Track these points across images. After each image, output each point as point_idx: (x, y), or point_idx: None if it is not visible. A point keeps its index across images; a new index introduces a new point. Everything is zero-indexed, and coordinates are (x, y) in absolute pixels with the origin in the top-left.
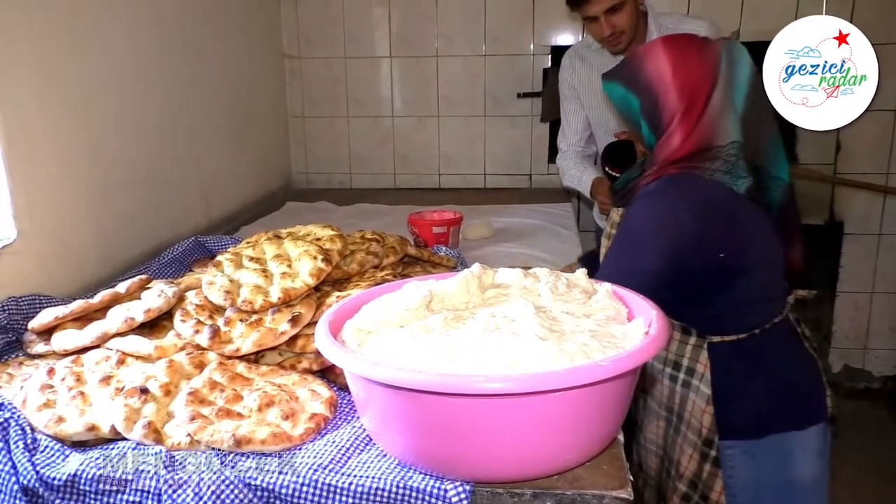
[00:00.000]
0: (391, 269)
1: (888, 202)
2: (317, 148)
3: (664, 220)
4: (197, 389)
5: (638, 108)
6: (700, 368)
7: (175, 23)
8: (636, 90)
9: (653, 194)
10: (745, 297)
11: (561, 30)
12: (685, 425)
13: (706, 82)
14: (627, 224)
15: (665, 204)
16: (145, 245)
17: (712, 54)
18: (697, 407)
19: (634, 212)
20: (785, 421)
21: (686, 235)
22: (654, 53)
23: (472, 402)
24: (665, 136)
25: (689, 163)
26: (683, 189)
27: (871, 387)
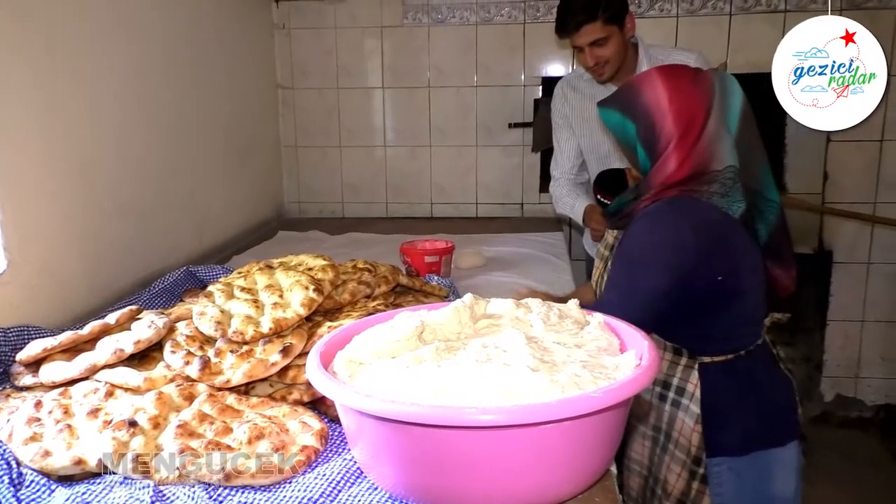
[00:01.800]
0: (383, 298)
1: (876, 231)
2: (309, 177)
3: (666, 240)
4: (186, 422)
5: (634, 134)
6: (690, 388)
7: (169, 54)
8: (633, 116)
9: (652, 215)
10: (737, 320)
11: (551, 61)
12: (673, 444)
13: (701, 109)
14: (628, 245)
15: (665, 224)
16: (136, 275)
17: (706, 83)
18: (687, 426)
19: (635, 233)
20: (768, 438)
21: (687, 254)
22: (650, 82)
23: (464, 433)
24: (661, 160)
25: (687, 186)
26: (682, 210)
27: (863, 416)
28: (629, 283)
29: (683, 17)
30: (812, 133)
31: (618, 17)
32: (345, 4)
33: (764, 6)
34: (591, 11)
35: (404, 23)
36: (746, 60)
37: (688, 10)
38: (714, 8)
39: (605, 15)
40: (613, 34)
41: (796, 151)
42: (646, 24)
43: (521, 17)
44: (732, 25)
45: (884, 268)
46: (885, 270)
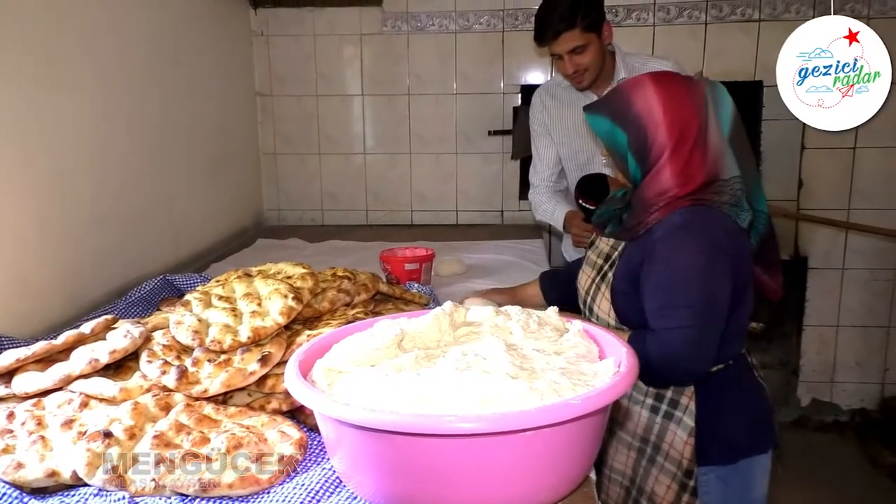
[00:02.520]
0: (363, 306)
1: (850, 237)
2: (288, 185)
3: (709, 247)
4: (162, 432)
5: (626, 143)
6: (685, 401)
7: (146, 61)
8: (624, 125)
9: (683, 228)
10: (734, 330)
11: (530, 69)
12: (663, 456)
13: (695, 120)
14: (671, 265)
15: (701, 232)
16: (112, 284)
17: (700, 93)
18: (679, 438)
19: (673, 251)
20: (753, 445)
21: (728, 256)
22: (643, 90)
23: (443, 442)
24: (653, 171)
25: (699, 196)
26: (709, 217)
27: (839, 420)
28: (704, 301)
29: (660, 26)
30: (787, 141)
31: (596, 25)
32: (323, 12)
33: (738, 16)
34: (569, 19)
35: (383, 30)
36: (722, 69)
37: (664, 19)
38: (690, 17)
39: (584, 23)
40: (592, 42)
41: (772, 159)
42: (623, 32)
43: (499, 26)
44: (708, 34)
45: (857, 273)
46: (859, 276)
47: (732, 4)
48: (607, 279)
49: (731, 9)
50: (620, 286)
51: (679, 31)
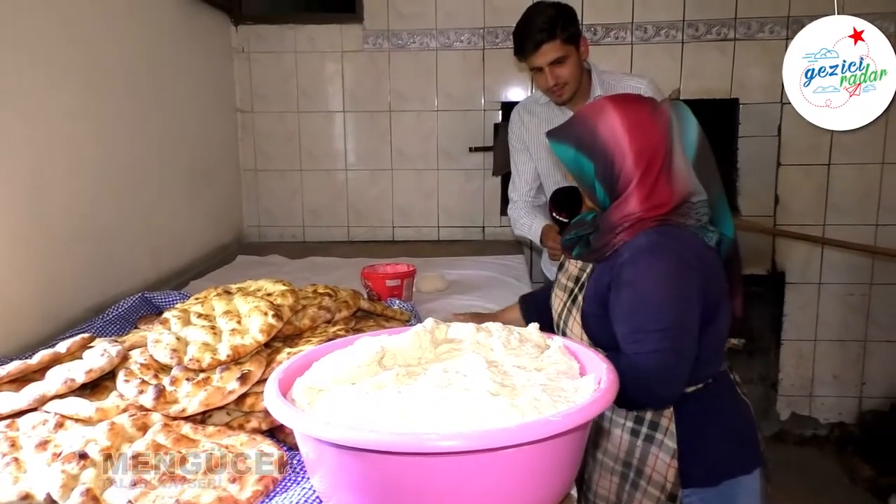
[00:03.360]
0: (344, 323)
1: (826, 252)
2: (269, 201)
3: (678, 268)
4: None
5: (592, 172)
6: (665, 422)
7: (125, 76)
8: (590, 154)
9: (649, 250)
10: (710, 347)
11: (510, 86)
12: (646, 481)
13: (662, 145)
14: (644, 287)
15: (670, 253)
16: (89, 301)
17: (664, 117)
18: (661, 461)
19: (644, 271)
20: (737, 466)
21: (697, 276)
22: (606, 116)
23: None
24: (622, 198)
25: (665, 217)
26: (675, 237)
27: (818, 434)
28: (675, 325)
29: (638, 45)
30: (763, 157)
31: (574, 39)
32: (304, 29)
33: (714, 35)
34: (549, 31)
35: (364, 48)
36: (699, 87)
37: (642, 38)
38: (667, 36)
39: (563, 35)
40: (571, 54)
41: (748, 175)
42: (602, 50)
43: (480, 44)
44: (685, 53)
45: (834, 288)
46: (835, 291)
47: (708, 24)
48: (577, 302)
49: (707, 28)
50: (590, 309)
51: (656, 50)
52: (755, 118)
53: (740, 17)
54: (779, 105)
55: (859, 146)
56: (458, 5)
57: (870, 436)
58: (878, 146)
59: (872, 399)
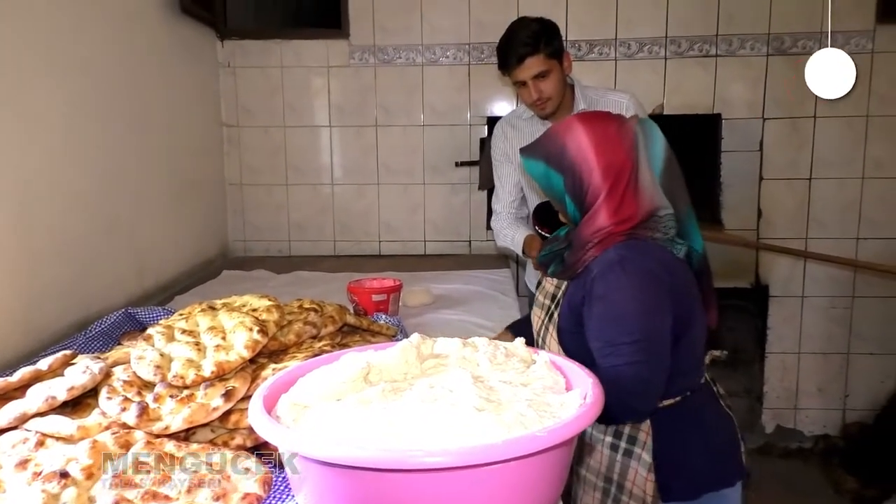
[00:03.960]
0: (330, 338)
1: (808, 266)
2: (255, 216)
3: (648, 282)
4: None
5: (562, 186)
6: (642, 437)
7: (109, 91)
8: (559, 169)
9: (619, 264)
10: (686, 359)
11: (496, 101)
12: (627, 495)
13: (628, 161)
14: (616, 301)
15: (638, 267)
16: (72, 317)
17: (630, 133)
18: (640, 476)
19: (614, 286)
20: (719, 479)
21: (666, 288)
22: (574, 133)
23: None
24: (591, 213)
25: (633, 231)
26: (643, 250)
27: (803, 446)
28: (646, 337)
29: (622, 61)
30: (745, 172)
31: (557, 54)
32: (290, 44)
33: (696, 51)
34: (533, 45)
35: (350, 63)
36: (682, 102)
37: (625, 54)
38: (650, 52)
39: (547, 49)
40: (554, 68)
41: (731, 189)
42: (586, 66)
43: (465, 59)
44: (668, 69)
45: (816, 301)
46: (818, 304)
47: (690, 40)
48: (553, 319)
49: (690, 45)
50: (565, 325)
51: (640, 66)
52: (738, 133)
53: (721, 33)
54: (760, 120)
55: (838, 162)
56: (444, 21)
57: (854, 448)
58: (858, 161)
59: (856, 411)
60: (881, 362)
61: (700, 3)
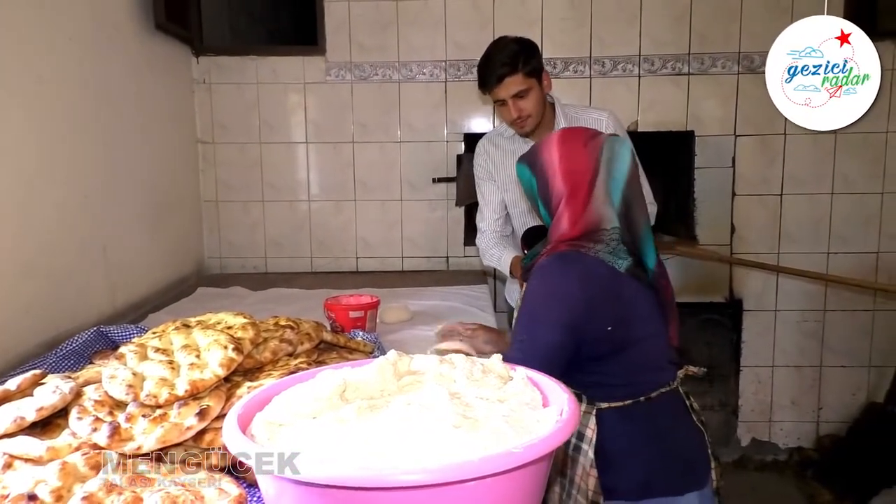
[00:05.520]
0: (306, 356)
1: (781, 280)
2: (231, 233)
3: (555, 292)
4: (92, 493)
5: (536, 189)
6: (588, 434)
7: (82, 106)
8: (536, 173)
9: (543, 269)
10: (634, 367)
11: (473, 117)
12: (575, 489)
13: (588, 171)
14: (525, 300)
15: (553, 276)
16: (42, 336)
17: (596, 147)
18: (583, 469)
19: (529, 288)
20: (666, 485)
21: (576, 303)
22: (549, 142)
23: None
24: (556, 217)
25: (577, 242)
26: (568, 262)
27: (778, 459)
28: (530, 338)
29: (596, 79)
30: (718, 188)
31: (536, 72)
32: (266, 61)
33: (669, 70)
34: (512, 64)
35: (327, 79)
36: (656, 119)
37: (600, 72)
38: (624, 70)
39: (525, 68)
40: (533, 87)
41: (705, 205)
42: (561, 84)
43: (442, 76)
44: (641, 87)
45: (789, 315)
46: (791, 317)
47: (664, 59)
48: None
49: (663, 63)
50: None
51: (614, 84)
52: (710, 150)
53: (694, 52)
54: (732, 137)
55: (809, 178)
56: (420, 39)
57: (828, 460)
58: (828, 177)
59: (829, 423)
60: (853, 375)
61: (672, 23)
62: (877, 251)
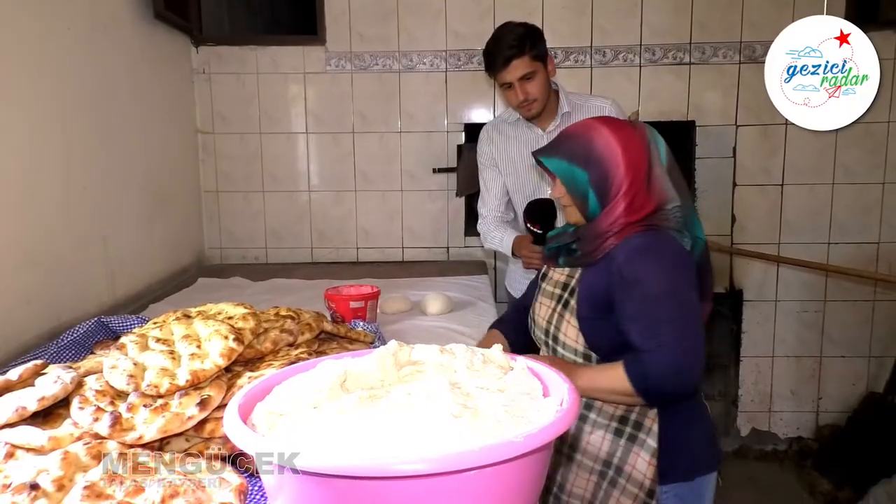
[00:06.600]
0: (306, 346)
1: (781, 271)
2: (231, 223)
3: (676, 264)
4: (94, 483)
5: (586, 181)
6: (648, 423)
7: (81, 97)
8: (584, 165)
9: (645, 250)
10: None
11: (473, 107)
12: (624, 478)
13: (644, 158)
14: (646, 286)
15: (664, 250)
16: (43, 327)
17: (644, 134)
18: (642, 459)
19: (643, 272)
20: (708, 463)
21: (693, 273)
22: (600, 132)
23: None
24: (611, 205)
25: (647, 221)
26: (663, 238)
27: (777, 449)
28: (680, 315)
29: (597, 68)
30: (719, 178)
31: (542, 57)
32: (266, 51)
33: (670, 59)
34: (519, 47)
35: (327, 69)
36: (656, 109)
37: (601, 61)
38: (625, 60)
39: (532, 52)
40: (539, 70)
41: (705, 196)
42: (562, 73)
43: (442, 66)
44: (642, 77)
45: (789, 305)
46: (791, 308)
47: (664, 48)
48: (570, 307)
49: (664, 52)
50: (584, 312)
51: (615, 73)
52: (711, 140)
53: (695, 41)
54: (733, 127)
55: (809, 168)
56: (421, 29)
57: (827, 450)
58: (829, 168)
59: (829, 413)
60: (852, 365)
61: (673, 12)
62: (877, 241)
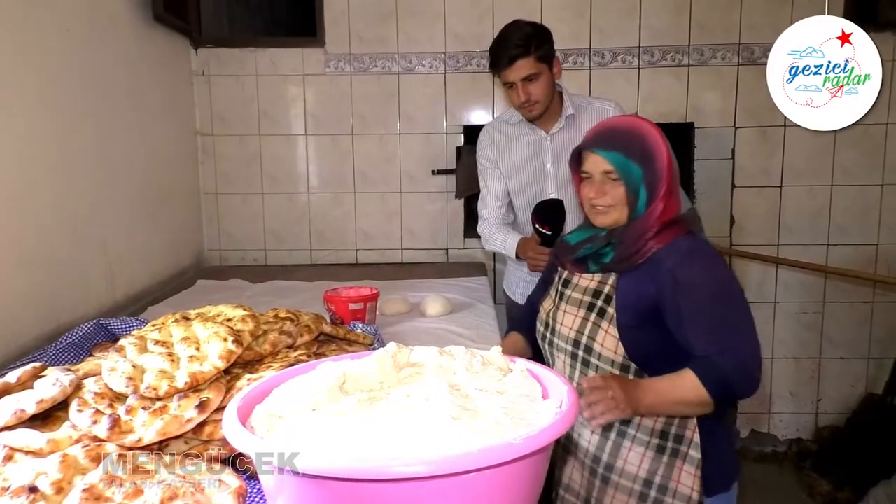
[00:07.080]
0: (305, 348)
1: (780, 272)
2: (230, 225)
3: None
4: (93, 485)
5: (640, 177)
6: (689, 434)
7: (80, 98)
8: (641, 162)
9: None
10: None
11: (473, 109)
12: (670, 495)
13: (673, 160)
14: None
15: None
16: (42, 329)
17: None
18: (686, 473)
19: (700, 276)
20: (737, 469)
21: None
22: (649, 131)
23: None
24: (654, 205)
25: (680, 224)
26: (702, 240)
27: (777, 450)
28: (740, 317)
29: (596, 70)
30: (718, 180)
31: (548, 58)
32: (266, 52)
33: (669, 61)
34: (524, 47)
35: (326, 71)
36: (655, 111)
37: (599, 63)
38: (623, 62)
39: (537, 53)
40: (543, 73)
41: (704, 197)
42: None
43: (441, 68)
44: (641, 78)
45: (788, 306)
46: (790, 309)
47: (663, 50)
48: (608, 315)
49: (662, 54)
50: (628, 321)
51: (614, 75)
52: (710, 141)
53: (694, 43)
54: (732, 129)
55: (808, 170)
56: (420, 30)
57: (827, 451)
58: (827, 169)
59: (828, 415)
60: (851, 366)
61: (672, 13)
62: (876, 243)
